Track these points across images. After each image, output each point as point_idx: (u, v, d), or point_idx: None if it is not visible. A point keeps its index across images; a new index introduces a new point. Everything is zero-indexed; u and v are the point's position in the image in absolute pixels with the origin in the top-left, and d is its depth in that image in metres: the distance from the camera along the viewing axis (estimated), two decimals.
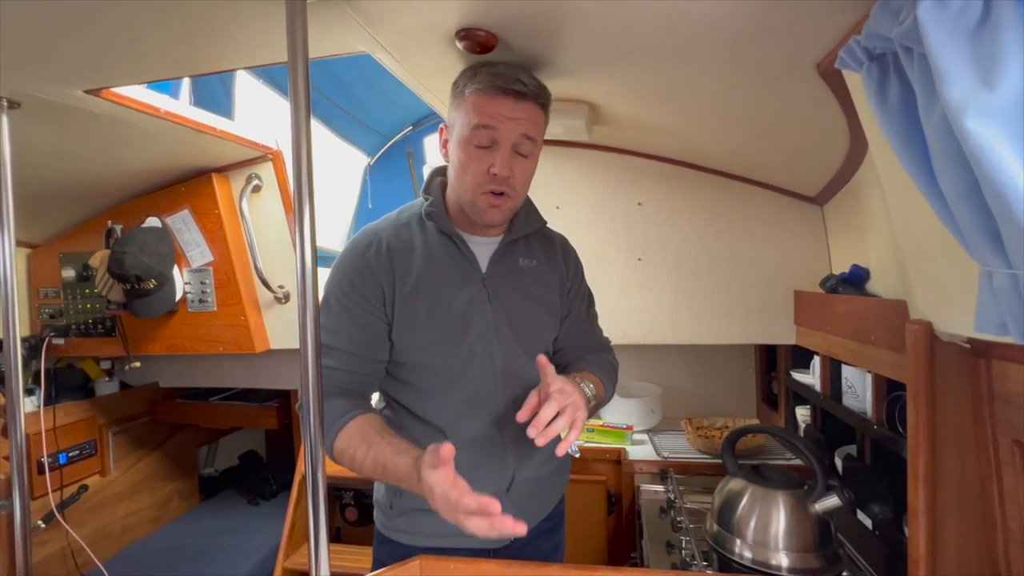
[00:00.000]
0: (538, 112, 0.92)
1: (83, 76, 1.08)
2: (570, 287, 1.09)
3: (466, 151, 0.90)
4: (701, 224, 1.73)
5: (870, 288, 1.29)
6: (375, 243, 0.96)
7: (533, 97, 0.90)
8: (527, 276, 1.02)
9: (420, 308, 0.94)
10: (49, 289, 1.95)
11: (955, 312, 0.78)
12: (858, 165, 1.24)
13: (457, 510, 0.72)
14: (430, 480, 0.74)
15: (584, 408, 0.84)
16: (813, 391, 1.53)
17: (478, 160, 0.90)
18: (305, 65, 0.71)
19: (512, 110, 0.88)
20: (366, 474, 0.88)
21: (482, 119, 0.88)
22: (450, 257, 0.97)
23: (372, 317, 0.94)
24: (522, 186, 0.94)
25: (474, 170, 0.90)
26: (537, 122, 0.92)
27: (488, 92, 0.88)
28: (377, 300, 0.94)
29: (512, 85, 0.87)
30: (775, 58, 0.91)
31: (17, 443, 1.21)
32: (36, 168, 1.47)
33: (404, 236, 0.98)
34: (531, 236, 1.06)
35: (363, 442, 0.87)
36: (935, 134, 0.53)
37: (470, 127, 0.89)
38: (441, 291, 0.95)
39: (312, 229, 0.71)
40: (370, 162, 3.74)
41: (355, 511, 2.03)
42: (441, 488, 0.73)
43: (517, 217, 1.03)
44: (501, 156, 0.89)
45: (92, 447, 1.99)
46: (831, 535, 1.04)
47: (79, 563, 1.82)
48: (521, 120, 0.89)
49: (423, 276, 0.94)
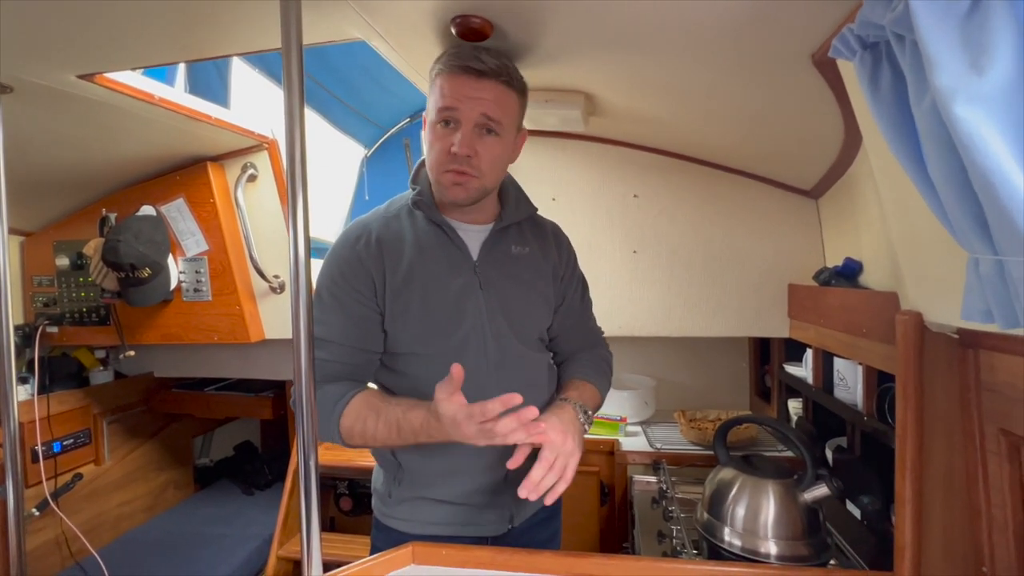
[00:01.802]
0: (503, 91, 0.90)
1: (76, 60, 1.07)
2: (563, 274, 1.09)
3: (433, 132, 0.91)
4: (696, 217, 1.74)
5: (863, 281, 1.30)
6: (365, 235, 0.96)
7: (494, 75, 0.88)
8: (519, 263, 1.02)
9: (412, 298, 0.94)
10: (43, 277, 1.94)
11: (944, 302, 0.79)
12: (852, 159, 1.25)
13: (485, 418, 0.75)
14: (449, 411, 0.78)
15: (576, 453, 0.86)
16: (805, 384, 1.54)
17: (441, 139, 0.90)
18: (299, 51, 0.71)
19: (472, 88, 0.87)
20: (380, 442, 0.90)
21: (444, 99, 0.88)
22: (440, 246, 0.97)
23: (364, 308, 0.94)
24: (489, 167, 0.91)
25: (438, 148, 0.90)
26: (501, 102, 0.90)
27: (449, 72, 0.88)
28: (368, 291, 0.94)
29: (471, 63, 0.86)
30: (771, 48, 0.91)
31: (11, 430, 1.21)
32: (29, 155, 1.46)
33: (394, 227, 0.98)
34: (523, 223, 1.06)
35: (371, 412, 0.88)
36: (925, 121, 0.53)
37: (435, 109, 0.90)
38: (432, 280, 0.95)
39: (305, 215, 0.71)
40: (367, 154, 3.72)
41: (349, 501, 2.05)
42: (463, 411, 0.77)
43: (507, 204, 1.03)
44: (462, 135, 0.88)
45: (86, 436, 1.99)
46: (820, 524, 1.05)
47: (73, 551, 1.82)
48: (482, 99, 0.87)
49: (414, 266, 0.94)
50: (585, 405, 0.96)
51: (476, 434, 0.78)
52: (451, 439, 0.81)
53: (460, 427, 0.78)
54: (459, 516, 1.00)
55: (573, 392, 1.00)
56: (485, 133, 0.90)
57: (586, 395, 1.01)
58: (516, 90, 0.93)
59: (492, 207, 1.02)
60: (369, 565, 0.90)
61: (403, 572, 0.91)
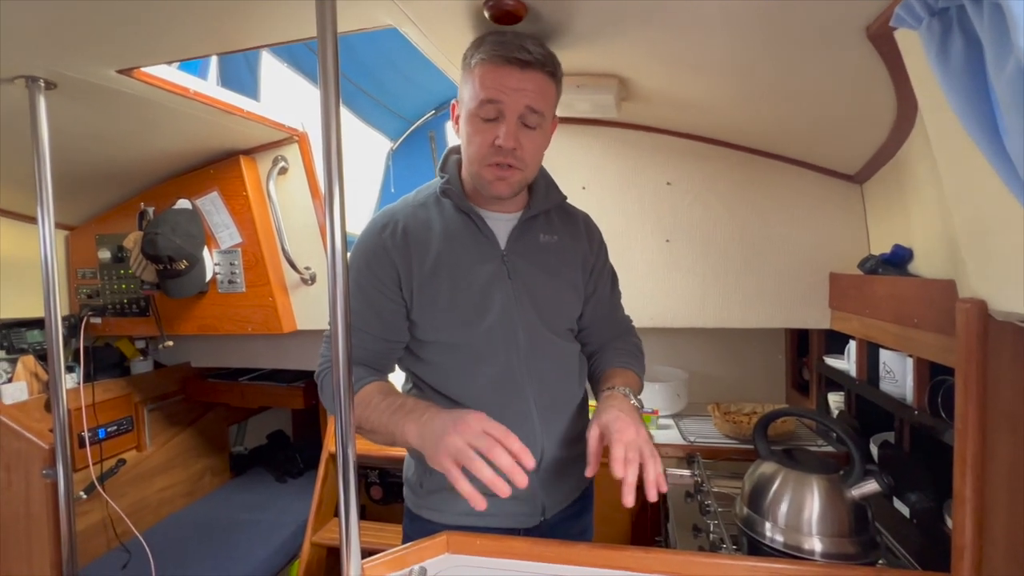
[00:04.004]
0: (546, 81, 0.88)
1: (116, 55, 1.09)
2: (594, 265, 1.07)
3: (472, 124, 0.89)
4: (732, 204, 1.68)
5: (912, 269, 1.24)
6: (391, 224, 0.95)
7: (539, 66, 0.86)
8: (548, 252, 1.00)
9: (440, 287, 0.93)
10: (86, 270, 2.01)
11: (1014, 290, 0.73)
12: (903, 139, 1.18)
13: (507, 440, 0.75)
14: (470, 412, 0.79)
15: (647, 436, 0.83)
16: (848, 377, 1.48)
17: (483, 132, 0.88)
18: (334, 39, 0.70)
19: (518, 80, 0.85)
20: (371, 428, 0.88)
21: (487, 91, 0.85)
22: (468, 235, 0.96)
23: (385, 299, 0.94)
24: (531, 158, 0.91)
25: (479, 142, 0.88)
26: (545, 92, 0.89)
27: (492, 62, 0.85)
28: (392, 282, 0.93)
29: (516, 54, 0.84)
30: (821, 22, 0.87)
31: (60, 417, 1.26)
32: (72, 151, 1.50)
33: (421, 216, 0.97)
34: (552, 212, 1.04)
35: (370, 402, 0.87)
36: (1007, 89, 0.49)
37: (476, 100, 0.87)
38: (460, 269, 0.94)
39: (342, 202, 0.70)
40: (393, 146, 3.74)
41: (380, 490, 2.07)
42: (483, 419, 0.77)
43: (536, 192, 1.01)
44: (506, 127, 0.86)
45: (129, 423, 2.06)
46: (868, 522, 1.01)
47: (118, 533, 1.90)
48: (527, 91, 0.86)
49: (441, 255, 0.94)
50: (632, 390, 0.95)
51: (457, 449, 0.73)
52: (414, 441, 0.80)
53: (454, 428, 0.75)
54: (490, 507, 1.00)
55: (617, 379, 0.98)
56: (527, 125, 0.88)
57: (630, 381, 0.99)
58: (556, 79, 0.91)
59: (522, 195, 1.00)
60: (404, 553, 0.90)
61: (438, 560, 0.91)
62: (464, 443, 0.73)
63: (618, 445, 0.80)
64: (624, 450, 0.79)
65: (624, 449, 0.79)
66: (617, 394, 0.92)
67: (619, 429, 0.82)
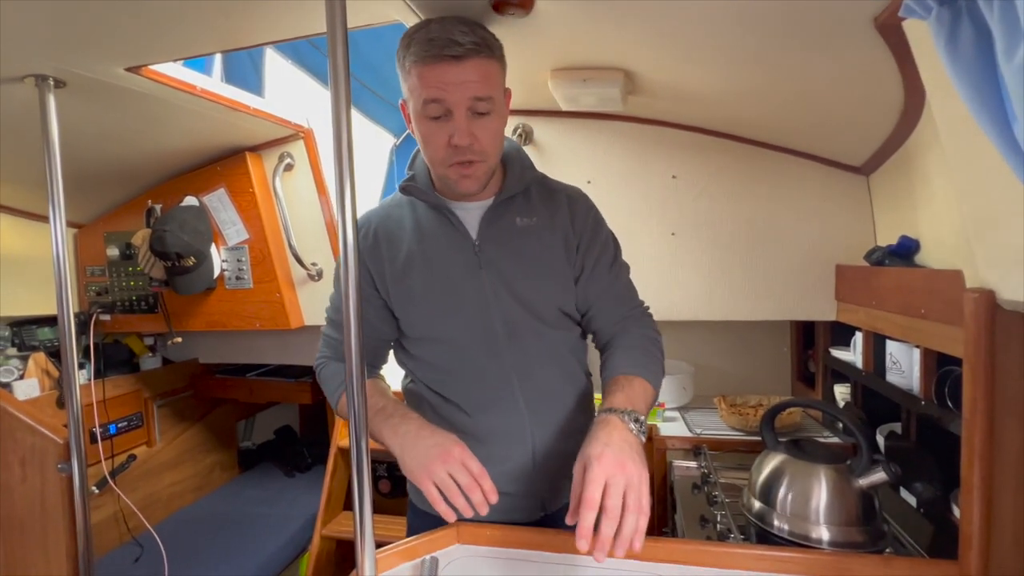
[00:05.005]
0: (486, 64, 0.82)
1: (124, 53, 1.10)
2: (579, 242, 0.98)
3: (423, 125, 0.85)
4: (738, 196, 1.68)
5: (919, 260, 1.24)
6: (364, 228, 0.97)
7: (474, 53, 0.80)
8: (524, 236, 0.95)
9: (414, 283, 0.94)
10: (95, 267, 2.02)
11: (1022, 278, 0.74)
12: (910, 131, 1.18)
13: (483, 480, 0.80)
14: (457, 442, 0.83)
15: (642, 475, 0.73)
16: (854, 368, 1.48)
17: (436, 132, 0.84)
18: (344, 34, 0.70)
19: (456, 74, 0.80)
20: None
21: (428, 91, 0.81)
22: (440, 228, 0.95)
23: (364, 300, 0.92)
24: (491, 146, 0.86)
25: (435, 144, 0.85)
26: (488, 76, 0.83)
27: (425, 62, 0.80)
28: (367, 284, 0.96)
29: (447, 50, 0.79)
30: (830, 13, 0.87)
31: (74, 412, 1.27)
32: (81, 149, 1.51)
33: (395, 215, 0.98)
34: (532, 192, 0.99)
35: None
36: (1017, 77, 0.49)
37: (420, 101, 0.82)
38: (433, 264, 0.94)
39: (352, 196, 0.70)
40: (396, 142, 3.74)
41: (388, 483, 2.09)
42: (467, 454, 0.81)
43: (511, 173, 0.96)
44: (458, 125, 0.82)
45: (139, 419, 2.09)
46: (875, 511, 1.01)
47: (131, 527, 1.92)
48: (468, 83, 0.81)
49: (414, 251, 0.94)
50: (635, 411, 0.82)
51: (441, 479, 0.79)
52: (392, 449, 0.86)
53: (440, 458, 0.80)
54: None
55: (619, 396, 0.85)
56: (479, 114, 0.83)
57: (635, 394, 0.87)
58: (497, 57, 0.85)
59: (495, 180, 0.96)
60: (416, 543, 0.92)
61: (448, 551, 0.93)
62: (446, 474, 0.79)
63: (589, 485, 0.69)
64: (593, 491, 0.68)
65: (594, 490, 0.69)
66: (613, 421, 0.79)
67: (598, 468, 0.70)
